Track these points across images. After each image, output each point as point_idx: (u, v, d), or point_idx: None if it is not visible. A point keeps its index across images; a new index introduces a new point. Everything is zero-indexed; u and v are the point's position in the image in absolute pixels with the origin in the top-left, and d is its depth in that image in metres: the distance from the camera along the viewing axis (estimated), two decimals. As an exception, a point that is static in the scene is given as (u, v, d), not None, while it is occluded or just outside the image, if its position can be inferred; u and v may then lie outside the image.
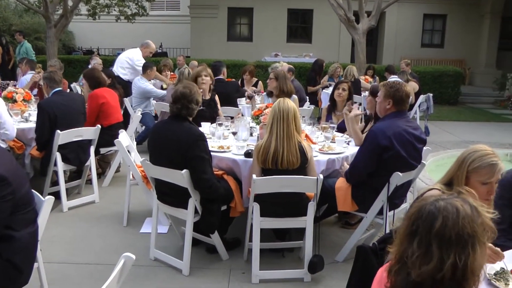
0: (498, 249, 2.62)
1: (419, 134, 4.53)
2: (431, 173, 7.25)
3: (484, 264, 1.79)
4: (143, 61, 9.91)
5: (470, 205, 1.78)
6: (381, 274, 1.97)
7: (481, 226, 1.75)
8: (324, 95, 10.12)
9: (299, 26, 22.25)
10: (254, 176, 4.17)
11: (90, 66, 9.89)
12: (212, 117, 6.01)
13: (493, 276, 2.55)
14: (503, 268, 2.63)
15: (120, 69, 9.85)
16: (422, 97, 11.14)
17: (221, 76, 8.17)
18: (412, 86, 11.23)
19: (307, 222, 4.28)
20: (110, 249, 4.85)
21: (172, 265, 4.51)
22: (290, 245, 4.78)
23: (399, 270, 1.78)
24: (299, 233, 4.62)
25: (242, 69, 10.59)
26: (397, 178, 4.27)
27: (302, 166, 4.32)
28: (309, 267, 4.26)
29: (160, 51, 21.93)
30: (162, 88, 9.65)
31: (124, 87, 8.96)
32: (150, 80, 9.12)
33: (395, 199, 4.51)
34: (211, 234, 4.50)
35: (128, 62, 9.84)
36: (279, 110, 4.28)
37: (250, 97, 8.01)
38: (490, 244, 2.60)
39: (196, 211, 4.36)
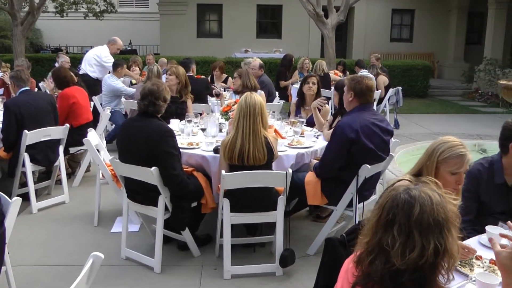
0: (470, 245, 2.69)
1: (386, 126, 4.59)
2: (401, 164, 7.34)
3: (459, 246, 1.85)
4: (111, 58, 9.84)
5: (438, 193, 1.84)
6: (348, 265, 1.99)
7: (450, 211, 1.81)
8: (294, 90, 10.13)
9: (269, 22, 22.26)
10: (223, 172, 4.17)
11: (57, 65, 9.76)
12: (181, 114, 5.99)
13: (459, 263, 2.61)
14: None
15: (88, 66, 9.77)
16: (391, 91, 11.28)
17: (190, 73, 8.15)
18: (382, 80, 11.39)
19: (277, 216, 4.30)
20: (81, 250, 4.80)
21: (144, 263, 4.49)
22: (261, 240, 4.80)
23: (375, 259, 1.81)
24: (270, 227, 4.64)
25: (212, 65, 10.58)
26: (366, 170, 4.32)
27: (269, 162, 4.35)
28: (280, 261, 4.28)
29: (129, 48, 21.75)
30: (131, 84, 9.58)
31: (93, 85, 8.89)
32: (120, 78, 9.04)
33: (364, 191, 4.56)
34: (182, 231, 4.49)
35: (96, 59, 9.75)
36: (246, 105, 4.27)
37: (218, 94, 8.01)
38: (461, 242, 2.68)
39: (166, 209, 4.35)
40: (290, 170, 4.26)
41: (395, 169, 6.83)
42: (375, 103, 10.43)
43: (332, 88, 9.08)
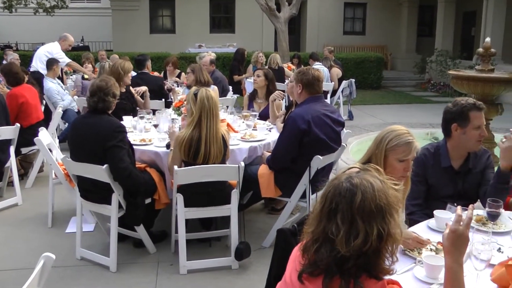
0: (423, 238, 2.76)
1: (337, 117, 4.67)
2: (354, 155, 7.47)
3: (401, 228, 1.89)
4: (63, 54, 9.68)
5: (379, 179, 1.88)
6: (296, 252, 2.03)
7: (392, 196, 1.85)
8: (248, 84, 10.18)
9: (222, 17, 22.24)
10: (175, 167, 4.17)
11: (5, 63, 9.52)
12: (132, 109, 5.95)
13: (407, 247, 2.70)
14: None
15: (39, 63, 9.54)
16: (344, 83, 11.43)
17: (145, 70, 8.09)
18: (336, 72, 11.53)
19: (231, 210, 4.33)
20: (35, 252, 4.70)
21: (99, 262, 4.44)
22: (217, 234, 4.80)
23: (320, 247, 1.83)
24: (225, 221, 4.64)
25: (165, 60, 10.51)
26: (318, 161, 4.37)
27: (223, 157, 4.40)
28: (235, 254, 4.31)
29: (81, 45, 21.38)
30: (83, 78, 9.43)
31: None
32: (55, 78, 8.82)
33: (317, 182, 4.61)
34: (137, 226, 4.47)
35: (47, 56, 9.52)
36: (209, 106, 4.24)
37: (170, 90, 7.96)
38: (416, 235, 2.75)
39: (120, 206, 4.31)
40: (243, 164, 4.29)
41: (349, 159, 6.95)
42: (328, 95, 10.57)
43: (287, 81, 9.17)
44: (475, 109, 3.54)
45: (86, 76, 9.54)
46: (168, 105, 7.23)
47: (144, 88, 6.90)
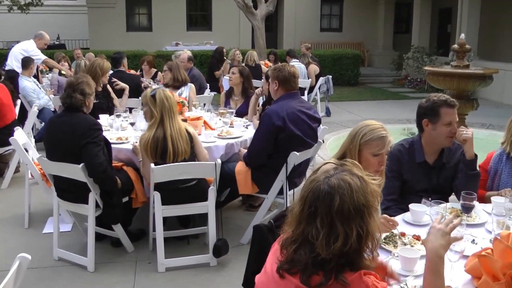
0: (393, 218, 2.81)
1: (313, 113, 4.70)
2: (332, 151, 7.50)
3: (379, 226, 1.92)
4: (39, 52, 9.57)
5: (358, 176, 1.89)
6: (276, 246, 2.04)
7: (371, 194, 1.87)
8: (226, 81, 10.16)
9: (199, 14, 22.16)
10: (152, 165, 4.15)
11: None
12: (108, 108, 5.92)
13: (383, 240, 2.74)
14: (392, 232, 2.83)
15: (14, 62, 9.42)
16: (321, 79, 11.48)
17: (121, 68, 8.04)
18: (313, 69, 11.59)
19: (208, 207, 4.33)
20: (11, 254, 4.55)
21: (77, 262, 4.42)
22: (194, 231, 4.81)
23: (299, 248, 1.85)
24: (203, 219, 4.63)
25: (140, 59, 10.45)
26: (294, 157, 4.40)
27: (193, 152, 4.41)
28: (213, 251, 4.33)
29: (57, 43, 21.13)
30: (60, 74, 9.34)
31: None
32: (30, 76, 8.73)
33: (294, 178, 4.65)
34: (114, 225, 4.46)
35: (23, 54, 9.40)
36: (168, 105, 4.28)
37: (146, 87, 7.94)
38: (385, 215, 2.80)
39: (98, 206, 4.29)
40: (219, 160, 4.31)
41: (326, 155, 6.98)
42: (306, 92, 10.61)
43: (263, 78, 9.16)
44: (446, 105, 3.55)
45: (63, 72, 9.46)
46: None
47: (124, 85, 6.87)
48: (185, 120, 4.88)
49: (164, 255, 4.30)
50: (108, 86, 6.59)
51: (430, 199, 3.03)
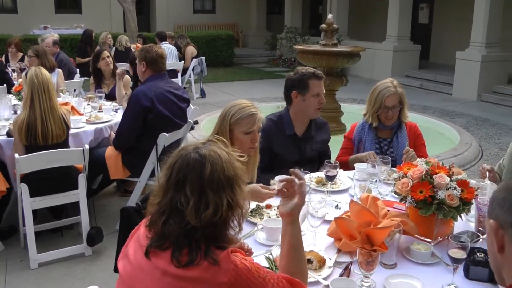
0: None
1: (182, 94, 4.70)
2: (207, 132, 7.53)
3: (248, 198, 1.94)
4: None
5: (225, 151, 1.89)
6: (139, 230, 1.98)
7: (238, 168, 1.87)
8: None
9: (67, -4, 21.17)
10: (16, 155, 3.92)
11: None
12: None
13: (249, 213, 2.78)
14: (258, 205, 2.90)
15: None
16: (195, 61, 11.49)
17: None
18: (191, 51, 11.61)
19: (79, 195, 4.20)
20: None
21: None
22: (67, 222, 4.61)
23: (168, 218, 1.79)
24: (77, 208, 4.44)
25: (7, 42, 9.79)
26: (164, 138, 4.38)
27: (67, 137, 4.25)
28: (87, 240, 4.21)
29: None
30: None
31: None
32: None
33: (166, 159, 4.60)
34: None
35: None
36: (38, 82, 4.09)
37: (16, 71, 7.50)
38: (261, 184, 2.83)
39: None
40: (87, 146, 4.17)
41: (201, 136, 7.00)
42: (179, 74, 10.56)
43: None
44: (314, 77, 3.70)
45: None
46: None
47: None
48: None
49: (36, 250, 4.09)
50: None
51: (302, 169, 3.12)
